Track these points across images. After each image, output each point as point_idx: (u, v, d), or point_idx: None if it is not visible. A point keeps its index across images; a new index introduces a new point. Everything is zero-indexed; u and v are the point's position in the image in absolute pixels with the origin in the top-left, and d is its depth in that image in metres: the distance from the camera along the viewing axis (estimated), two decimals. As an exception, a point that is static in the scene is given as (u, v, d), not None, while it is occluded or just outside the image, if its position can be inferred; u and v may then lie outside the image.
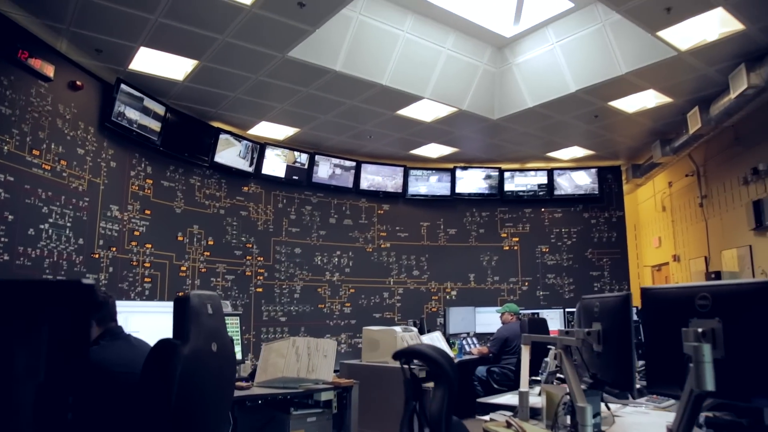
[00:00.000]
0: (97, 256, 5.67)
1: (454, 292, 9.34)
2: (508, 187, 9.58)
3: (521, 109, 7.11)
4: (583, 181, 9.48)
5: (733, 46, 5.38)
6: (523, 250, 9.54)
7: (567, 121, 7.53)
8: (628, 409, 2.84)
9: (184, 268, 6.87)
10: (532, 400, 2.66)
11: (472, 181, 9.54)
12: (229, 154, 7.53)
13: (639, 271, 10.97)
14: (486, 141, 8.48)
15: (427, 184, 9.50)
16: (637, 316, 4.26)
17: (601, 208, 9.53)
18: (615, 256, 9.41)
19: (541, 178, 9.55)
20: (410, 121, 7.54)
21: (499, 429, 2.43)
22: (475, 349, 6.85)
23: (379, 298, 9.02)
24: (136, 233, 6.27)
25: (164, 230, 6.67)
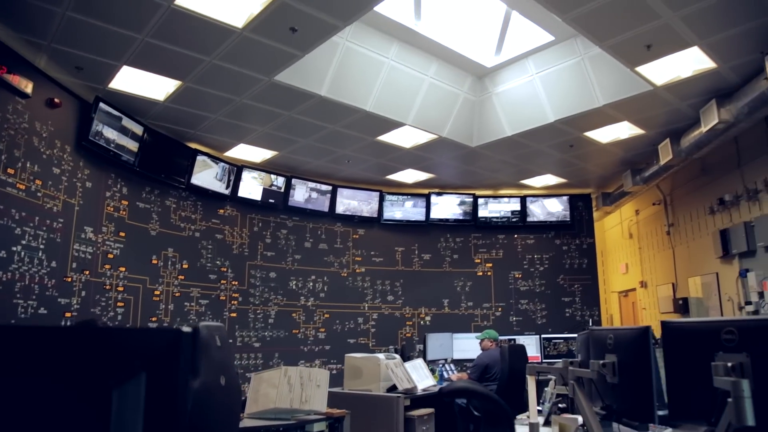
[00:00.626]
0: (70, 280, 5.45)
1: (428, 318, 9.33)
2: (482, 213, 9.70)
3: (500, 138, 7.24)
4: (555, 209, 9.68)
5: (705, 82, 5.63)
6: (496, 275, 9.64)
7: (543, 150, 7.70)
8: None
9: (157, 292, 6.66)
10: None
11: (447, 207, 9.62)
12: (206, 176, 7.41)
13: (606, 297, 11.21)
14: (462, 168, 8.58)
15: (403, 209, 9.53)
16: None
17: (572, 235, 9.73)
18: (586, 282, 9.59)
19: (515, 205, 9.71)
20: (390, 147, 7.58)
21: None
22: (454, 376, 6.82)
23: (354, 324, 8.93)
24: (110, 256, 6.07)
25: (138, 253, 6.47)
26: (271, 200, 8.31)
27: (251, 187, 8.07)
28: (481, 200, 9.70)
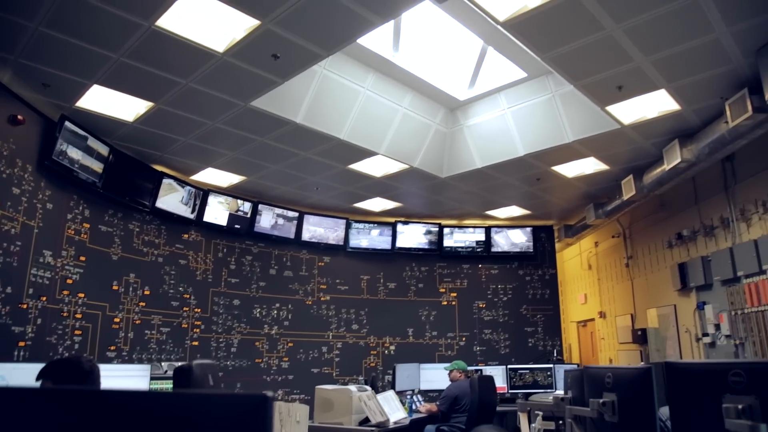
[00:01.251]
0: (26, 306, 5.15)
1: (392, 347, 9.26)
2: (447, 242, 9.76)
3: (470, 169, 7.34)
4: (519, 239, 9.84)
5: (669, 123, 5.88)
6: (460, 305, 9.67)
7: (510, 182, 7.84)
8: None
9: (117, 320, 6.37)
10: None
11: (413, 236, 9.65)
12: (171, 200, 7.20)
13: (565, 326, 11.40)
14: (429, 197, 8.64)
15: (369, 238, 9.50)
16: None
17: (535, 266, 9.90)
18: (548, 313, 9.74)
19: (479, 235, 9.82)
20: (360, 176, 7.57)
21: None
22: (423, 407, 6.74)
23: (318, 353, 8.77)
24: (69, 281, 5.78)
25: (99, 278, 6.19)
26: (236, 225, 8.14)
27: (217, 212, 7.89)
28: (446, 230, 9.77)
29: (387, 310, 9.39)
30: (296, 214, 8.83)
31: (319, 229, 9.12)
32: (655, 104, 5.57)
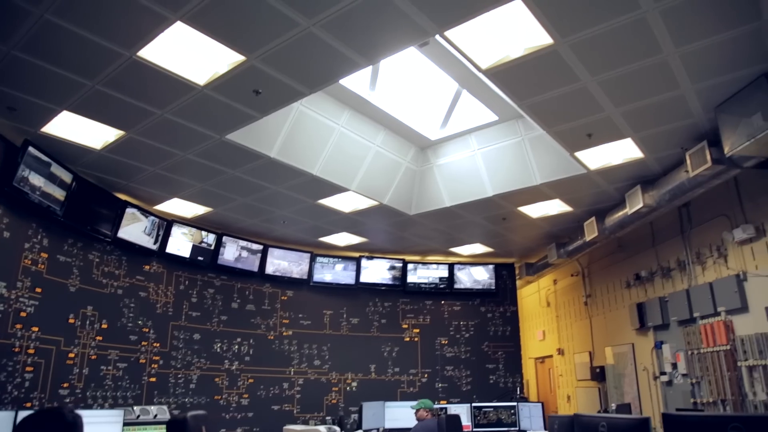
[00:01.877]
0: (-24, 342, 4.85)
1: (354, 383, 9.12)
2: (411, 278, 9.78)
3: (438, 208, 7.42)
4: (481, 276, 9.96)
5: (633, 169, 6.14)
6: (423, 341, 9.66)
7: (476, 221, 7.97)
8: None
9: (72, 355, 6.05)
10: None
11: (377, 271, 9.63)
12: (134, 230, 6.98)
13: (523, 362, 11.51)
14: (395, 233, 8.67)
15: (333, 272, 9.42)
16: None
17: (496, 303, 10.02)
18: (509, 350, 9.83)
19: (443, 272, 9.88)
20: (328, 211, 7.55)
21: None
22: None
23: (279, 389, 8.54)
24: (23, 314, 5.47)
25: (55, 311, 5.89)
26: (199, 257, 7.94)
27: (180, 243, 7.69)
28: (410, 266, 9.80)
29: (349, 346, 9.28)
30: (261, 247, 8.70)
31: (283, 263, 8.99)
32: (621, 152, 5.81)
